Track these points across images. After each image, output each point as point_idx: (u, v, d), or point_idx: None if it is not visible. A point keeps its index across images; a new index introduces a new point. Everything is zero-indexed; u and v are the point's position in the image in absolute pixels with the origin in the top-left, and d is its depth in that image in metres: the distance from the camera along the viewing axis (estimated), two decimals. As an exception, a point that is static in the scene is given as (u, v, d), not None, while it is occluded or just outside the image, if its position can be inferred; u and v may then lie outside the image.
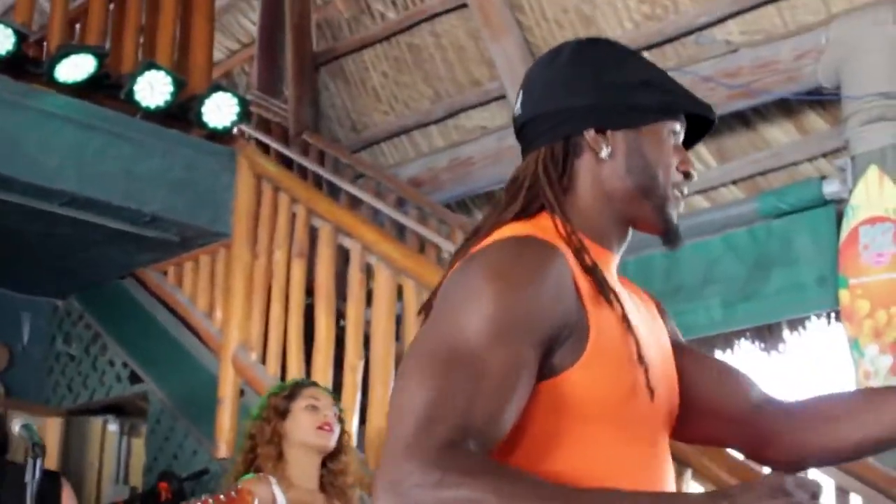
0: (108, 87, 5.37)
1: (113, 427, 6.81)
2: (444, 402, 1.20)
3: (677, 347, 1.58)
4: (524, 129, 1.52)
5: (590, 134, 1.47)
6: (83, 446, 6.72)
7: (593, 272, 1.38)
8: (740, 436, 1.57)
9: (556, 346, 1.31)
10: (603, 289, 1.38)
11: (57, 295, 6.60)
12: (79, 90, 5.26)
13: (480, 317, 1.26)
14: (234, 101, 5.59)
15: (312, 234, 5.13)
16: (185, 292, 5.73)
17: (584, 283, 1.37)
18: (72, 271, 6.14)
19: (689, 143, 1.56)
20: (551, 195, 1.45)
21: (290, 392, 3.21)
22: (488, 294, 1.28)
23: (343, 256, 5.08)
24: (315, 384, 3.44)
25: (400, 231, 6.30)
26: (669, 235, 1.50)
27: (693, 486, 4.02)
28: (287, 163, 7.18)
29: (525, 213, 1.45)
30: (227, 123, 5.60)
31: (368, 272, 4.81)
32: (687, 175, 1.51)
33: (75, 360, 6.46)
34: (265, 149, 7.38)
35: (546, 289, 1.30)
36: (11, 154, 5.01)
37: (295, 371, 4.81)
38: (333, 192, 6.92)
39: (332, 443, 3.17)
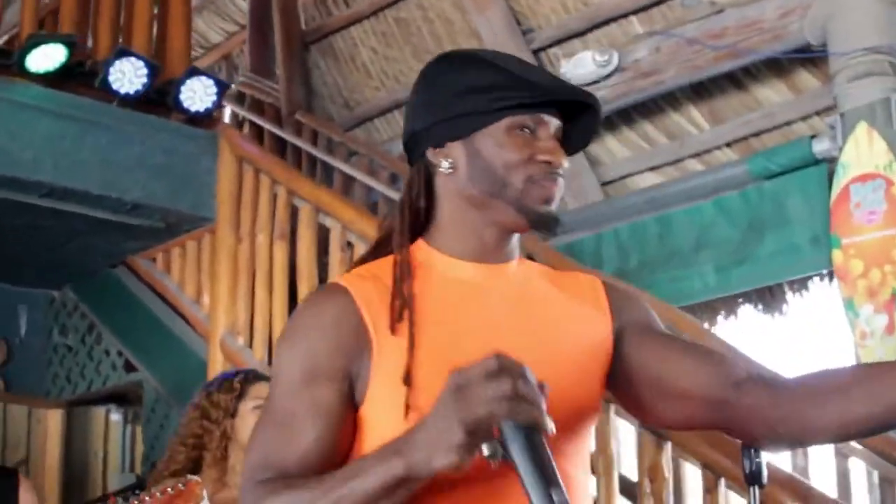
0: (82, 76, 5.31)
1: (116, 416, 6.82)
2: (264, 449, 1.41)
3: (637, 333, 1.56)
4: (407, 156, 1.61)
5: (430, 152, 1.52)
6: (86, 437, 6.74)
7: (403, 300, 1.46)
8: (721, 417, 1.50)
9: (354, 383, 1.44)
10: (399, 316, 1.45)
11: (52, 286, 6.58)
12: (52, 80, 5.20)
13: (278, 373, 1.47)
14: (212, 83, 5.53)
15: (295, 215, 5.08)
16: (174, 278, 5.68)
17: (384, 315, 1.45)
18: (63, 262, 6.11)
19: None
20: (399, 220, 1.54)
21: (239, 391, 3.02)
22: (281, 352, 1.48)
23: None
24: (264, 378, 3.15)
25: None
26: (538, 226, 1.50)
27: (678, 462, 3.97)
28: (281, 143, 7.14)
29: (382, 245, 1.56)
30: (207, 107, 5.54)
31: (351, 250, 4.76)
32: (549, 163, 1.49)
33: (72, 350, 6.45)
34: (259, 130, 7.35)
35: (323, 335, 1.43)
36: (-15, 147, 4.98)
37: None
38: (327, 170, 6.87)
39: None
